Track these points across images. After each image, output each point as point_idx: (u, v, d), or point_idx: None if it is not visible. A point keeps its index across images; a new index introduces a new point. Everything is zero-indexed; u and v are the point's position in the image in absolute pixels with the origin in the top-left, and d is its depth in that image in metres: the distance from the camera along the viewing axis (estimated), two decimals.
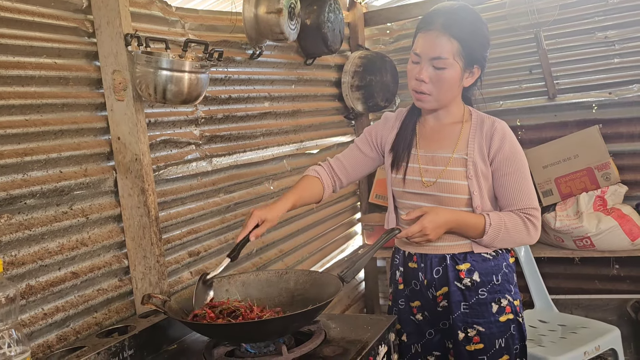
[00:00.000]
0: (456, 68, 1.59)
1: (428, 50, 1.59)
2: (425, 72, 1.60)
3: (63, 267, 1.60)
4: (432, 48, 1.58)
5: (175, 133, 2.01)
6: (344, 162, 1.85)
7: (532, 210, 1.63)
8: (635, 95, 2.93)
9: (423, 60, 1.60)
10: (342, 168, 1.85)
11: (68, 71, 1.64)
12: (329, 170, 1.85)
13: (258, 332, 1.43)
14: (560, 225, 2.82)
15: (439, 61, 1.58)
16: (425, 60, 1.60)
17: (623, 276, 3.09)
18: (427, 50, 1.59)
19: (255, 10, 2.27)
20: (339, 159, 1.86)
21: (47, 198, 1.56)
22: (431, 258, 1.70)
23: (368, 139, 1.85)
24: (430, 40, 1.59)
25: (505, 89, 3.20)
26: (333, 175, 1.85)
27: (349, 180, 1.87)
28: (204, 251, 2.11)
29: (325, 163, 1.87)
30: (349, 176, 1.86)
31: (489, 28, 1.67)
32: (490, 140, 1.64)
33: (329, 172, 1.85)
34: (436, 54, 1.58)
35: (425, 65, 1.60)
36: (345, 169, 1.85)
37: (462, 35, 1.57)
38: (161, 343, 1.63)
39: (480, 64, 1.64)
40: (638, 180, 2.98)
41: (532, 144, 3.07)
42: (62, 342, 1.56)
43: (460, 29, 1.57)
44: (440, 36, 1.57)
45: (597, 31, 2.97)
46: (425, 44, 1.60)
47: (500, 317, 1.66)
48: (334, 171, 1.85)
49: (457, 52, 1.58)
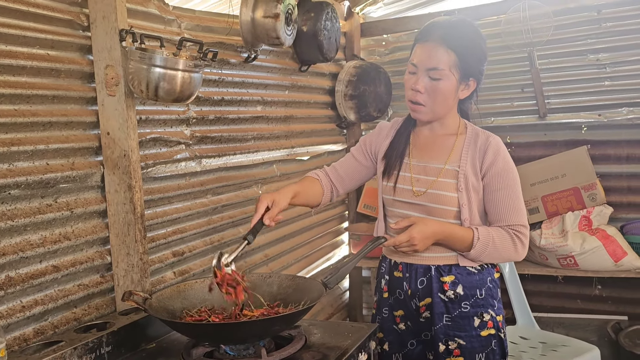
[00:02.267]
0: (452, 79, 1.60)
1: (425, 61, 1.60)
2: (421, 82, 1.61)
3: (44, 260, 1.59)
4: (429, 59, 1.60)
5: (165, 132, 2.00)
6: (339, 170, 1.86)
7: (521, 227, 1.64)
8: (624, 118, 2.96)
9: (419, 71, 1.62)
10: (338, 176, 1.85)
11: (60, 63, 1.63)
12: (326, 177, 1.85)
13: (238, 334, 1.43)
14: (545, 243, 2.83)
15: (435, 72, 1.59)
16: (421, 70, 1.61)
17: (605, 297, 3.11)
18: (424, 60, 1.60)
19: (252, 13, 2.27)
20: (335, 167, 1.87)
21: (32, 189, 1.55)
22: (416, 268, 1.71)
23: (363, 148, 1.85)
24: (428, 51, 1.60)
25: (497, 106, 3.22)
26: (331, 183, 1.85)
27: (345, 189, 1.88)
28: (188, 252, 2.10)
29: (321, 170, 1.87)
30: (344, 185, 1.86)
31: None
32: (484, 155, 1.65)
33: (327, 179, 1.85)
34: (432, 64, 1.59)
35: (421, 75, 1.61)
36: (341, 178, 1.85)
37: (459, 48, 1.59)
38: (140, 341, 1.61)
39: (476, 77, 1.65)
40: (623, 202, 3.01)
41: (522, 161, 3.08)
42: (39, 335, 1.54)
43: (457, 42, 1.59)
44: (438, 47, 1.59)
45: (590, 53, 3.01)
46: (422, 54, 1.61)
47: (482, 332, 1.66)
48: (331, 179, 1.85)
49: (454, 64, 1.59)
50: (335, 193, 1.86)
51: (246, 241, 1.54)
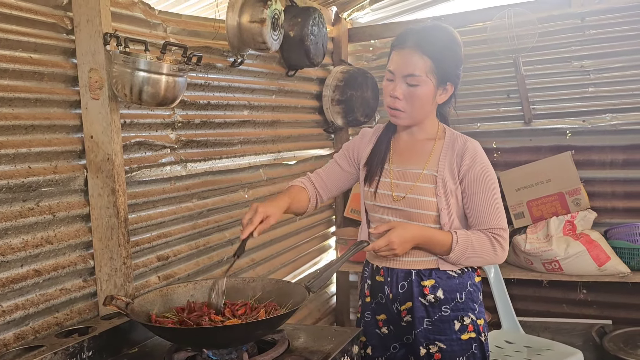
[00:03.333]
0: (429, 85, 1.62)
1: (401, 68, 1.62)
2: (399, 89, 1.63)
3: (26, 264, 1.58)
4: (405, 65, 1.61)
5: (150, 135, 2.00)
6: (323, 177, 1.87)
7: (500, 230, 1.65)
8: (608, 124, 2.99)
9: (397, 78, 1.63)
10: (321, 183, 1.86)
11: (44, 66, 1.63)
12: (311, 185, 1.86)
13: (220, 338, 1.42)
14: (530, 247, 2.85)
15: (412, 78, 1.61)
16: (398, 77, 1.63)
17: (590, 301, 3.13)
18: (401, 67, 1.62)
19: (238, 18, 2.28)
20: (319, 174, 1.88)
21: (14, 193, 1.54)
22: (397, 272, 1.71)
23: (346, 154, 1.87)
24: (404, 58, 1.62)
25: (483, 111, 3.25)
26: (315, 190, 1.86)
27: (329, 196, 1.89)
28: (173, 256, 2.09)
29: (306, 178, 1.88)
30: (328, 191, 1.87)
31: (470, 51, 1.70)
32: (461, 159, 1.66)
33: (312, 187, 1.86)
34: (409, 71, 1.61)
35: (399, 82, 1.63)
36: (325, 184, 1.86)
37: (435, 53, 1.60)
38: (122, 346, 1.60)
39: (453, 81, 1.67)
40: (607, 207, 3.04)
41: (507, 166, 3.12)
42: (20, 340, 1.52)
43: (432, 47, 1.60)
44: (413, 54, 1.60)
45: (574, 60, 3.04)
46: (398, 61, 1.63)
47: (462, 335, 1.67)
48: (315, 186, 1.86)
49: (430, 70, 1.61)
50: (319, 200, 1.87)
51: (236, 257, 1.57)
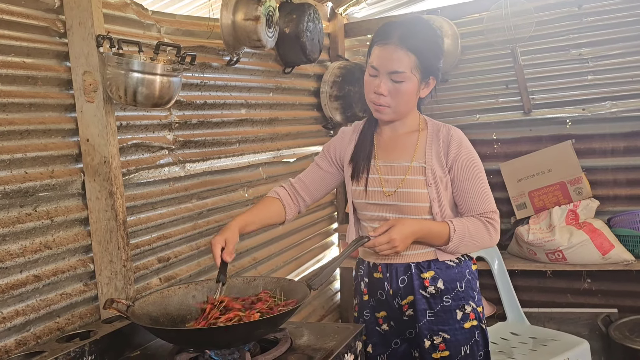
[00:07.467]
0: (414, 81, 1.61)
1: (386, 64, 1.60)
2: (384, 85, 1.61)
3: (25, 269, 1.57)
4: (390, 62, 1.59)
5: (147, 137, 1.99)
6: (305, 180, 1.86)
7: (492, 213, 1.67)
8: (607, 112, 2.98)
9: (381, 74, 1.62)
10: (304, 187, 1.85)
11: (37, 71, 1.62)
12: (292, 190, 1.85)
13: (221, 339, 1.41)
14: (533, 238, 2.84)
15: (397, 75, 1.60)
16: (383, 74, 1.61)
17: (594, 290, 3.12)
18: (385, 64, 1.60)
19: (232, 16, 2.27)
20: (301, 178, 1.87)
21: (11, 199, 1.53)
22: (396, 267, 1.71)
23: (326, 155, 1.85)
24: (388, 54, 1.60)
25: (482, 103, 3.23)
26: (296, 196, 1.84)
27: (313, 199, 1.87)
28: (174, 257, 2.09)
29: (287, 183, 1.87)
30: (311, 195, 1.86)
31: (467, 42, 1.69)
32: (448, 148, 1.66)
33: (292, 192, 1.84)
34: (394, 68, 1.59)
35: (383, 78, 1.61)
36: (307, 188, 1.85)
37: (419, 49, 1.59)
38: (124, 349, 1.60)
39: (435, 75, 1.67)
40: (609, 195, 3.02)
41: (508, 157, 3.10)
42: (22, 346, 1.52)
43: (416, 42, 1.59)
44: (398, 50, 1.58)
45: (572, 48, 3.02)
46: (382, 57, 1.61)
47: (465, 324, 1.68)
48: (297, 191, 1.84)
49: (415, 66, 1.60)
50: (303, 204, 1.86)
51: (220, 283, 1.57)
